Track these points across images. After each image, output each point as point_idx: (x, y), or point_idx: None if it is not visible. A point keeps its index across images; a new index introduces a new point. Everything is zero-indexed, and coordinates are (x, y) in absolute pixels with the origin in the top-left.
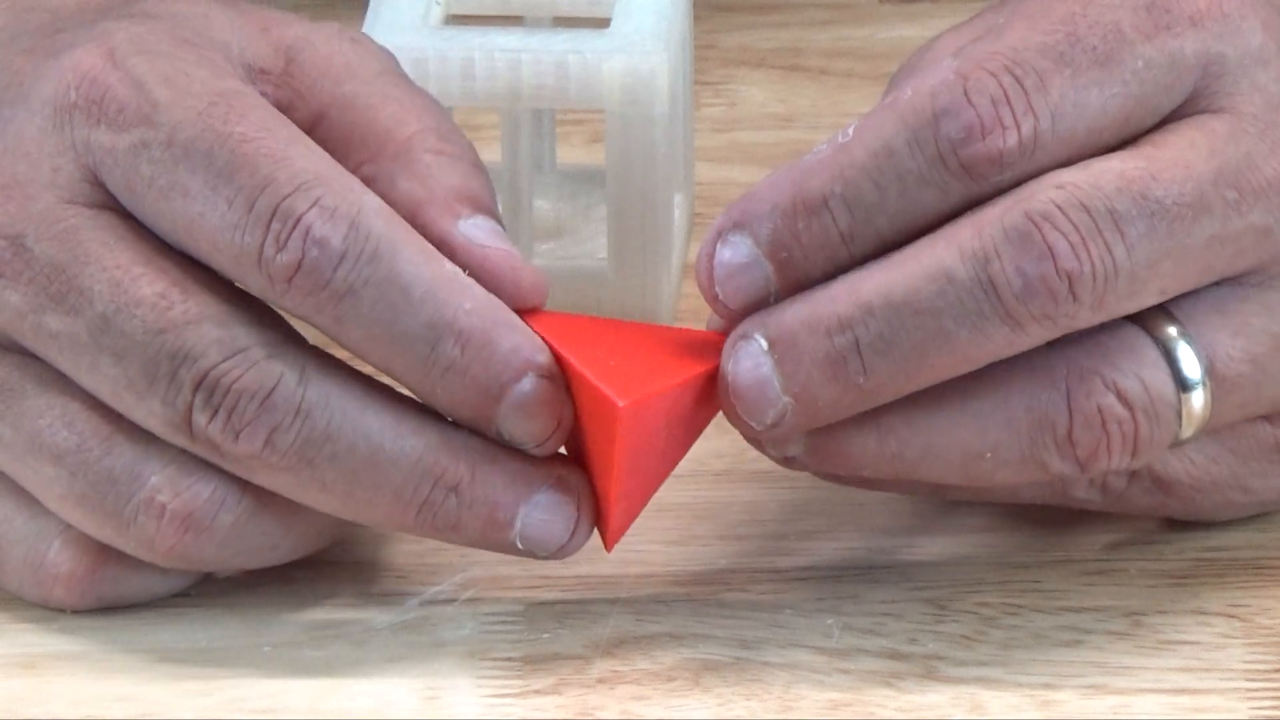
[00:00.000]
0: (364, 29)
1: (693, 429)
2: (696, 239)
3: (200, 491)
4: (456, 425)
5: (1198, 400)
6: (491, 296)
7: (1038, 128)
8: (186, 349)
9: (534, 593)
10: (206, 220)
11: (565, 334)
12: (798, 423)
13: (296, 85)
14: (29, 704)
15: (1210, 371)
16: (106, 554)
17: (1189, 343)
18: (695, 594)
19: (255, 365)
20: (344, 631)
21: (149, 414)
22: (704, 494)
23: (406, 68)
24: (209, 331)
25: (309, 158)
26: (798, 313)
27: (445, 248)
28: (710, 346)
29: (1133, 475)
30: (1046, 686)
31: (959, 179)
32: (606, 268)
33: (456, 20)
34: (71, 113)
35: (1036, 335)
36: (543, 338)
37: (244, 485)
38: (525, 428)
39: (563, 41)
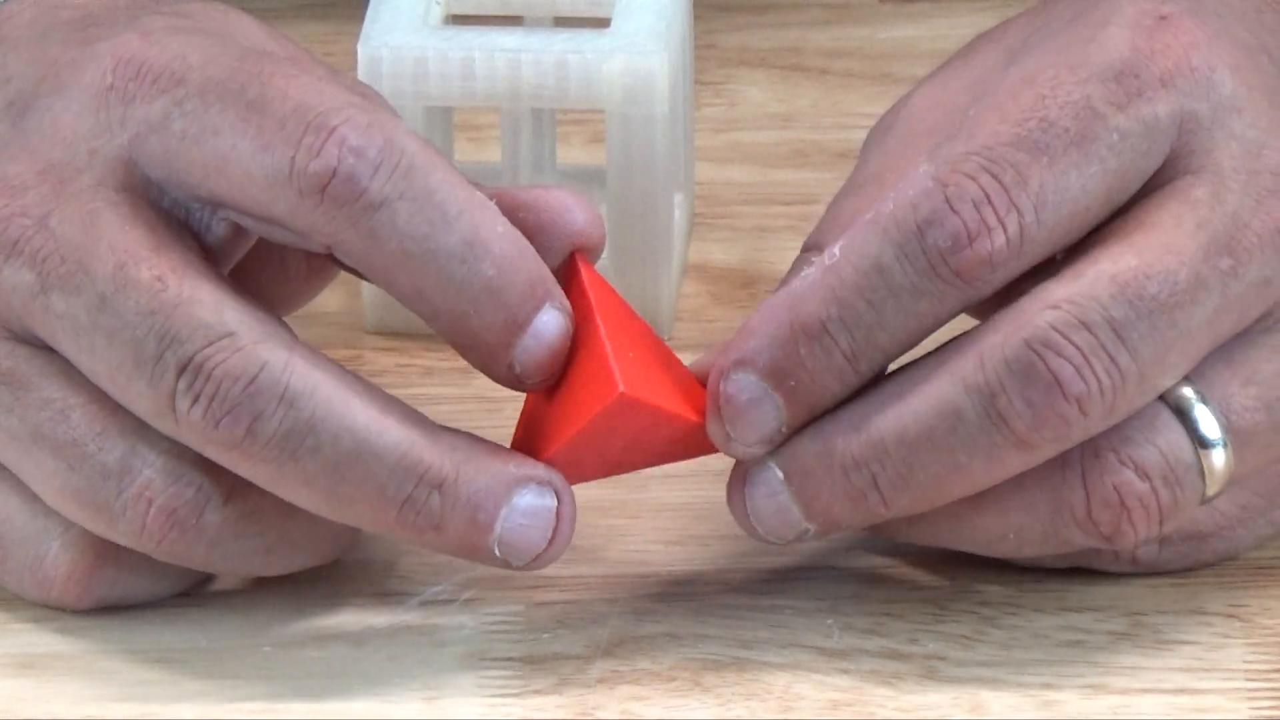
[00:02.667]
0: (364, 29)
1: (644, 457)
2: (697, 239)
3: (184, 489)
4: (440, 425)
5: (1219, 458)
6: (513, 228)
7: (1023, 223)
8: (174, 332)
9: (534, 593)
10: (237, 150)
11: (603, 300)
12: (819, 536)
13: None
14: (29, 704)
15: (1227, 427)
16: (106, 555)
17: (1204, 402)
18: (695, 594)
19: (240, 351)
20: (344, 631)
21: (138, 397)
22: (704, 494)
23: (406, 68)
24: (197, 315)
25: (341, 89)
26: (810, 447)
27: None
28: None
29: (1163, 541)
30: (1046, 686)
31: (953, 285)
32: (607, 268)
33: (456, 20)
34: (108, 95)
35: (1050, 452)
36: (585, 295)
37: (232, 486)
38: (540, 361)
39: (563, 41)
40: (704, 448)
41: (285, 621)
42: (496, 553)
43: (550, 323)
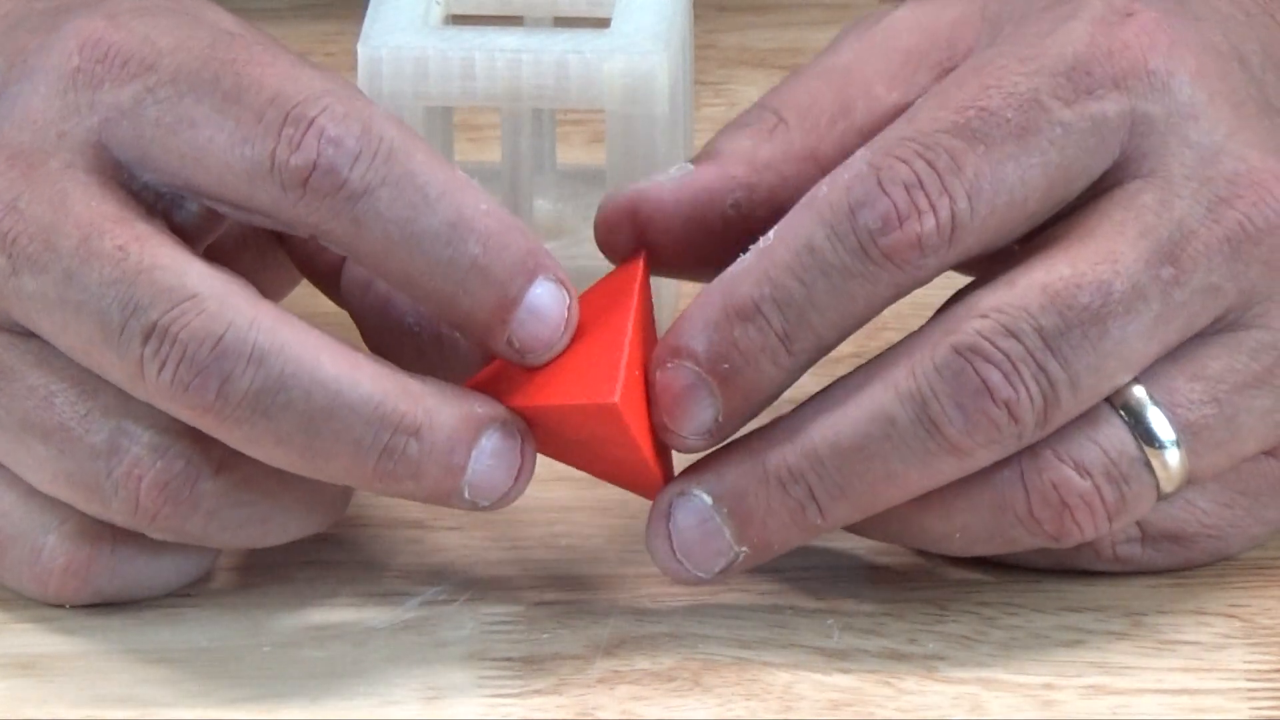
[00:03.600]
0: (364, 29)
1: (587, 463)
2: None
3: (174, 462)
4: (409, 372)
5: (1172, 457)
6: (498, 205)
7: (955, 208)
8: (136, 299)
9: (534, 593)
10: (215, 143)
11: (643, 306)
12: (750, 563)
13: None
14: (29, 704)
15: (1174, 422)
16: (102, 545)
17: (1155, 403)
18: (695, 594)
19: (204, 313)
20: (344, 631)
21: (111, 367)
22: None
23: (407, 68)
24: (159, 280)
25: (315, 76)
26: (740, 465)
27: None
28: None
29: (1144, 539)
30: (1046, 686)
31: (883, 268)
32: (606, 268)
33: (456, 20)
34: (75, 77)
35: (986, 458)
36: (632, 290)
37: (222, 457)
38: (538, 334)
39: (563, 41)
40: (646, 490)
41: (285, 621)
42: (466, 495)
43: (545, 295)
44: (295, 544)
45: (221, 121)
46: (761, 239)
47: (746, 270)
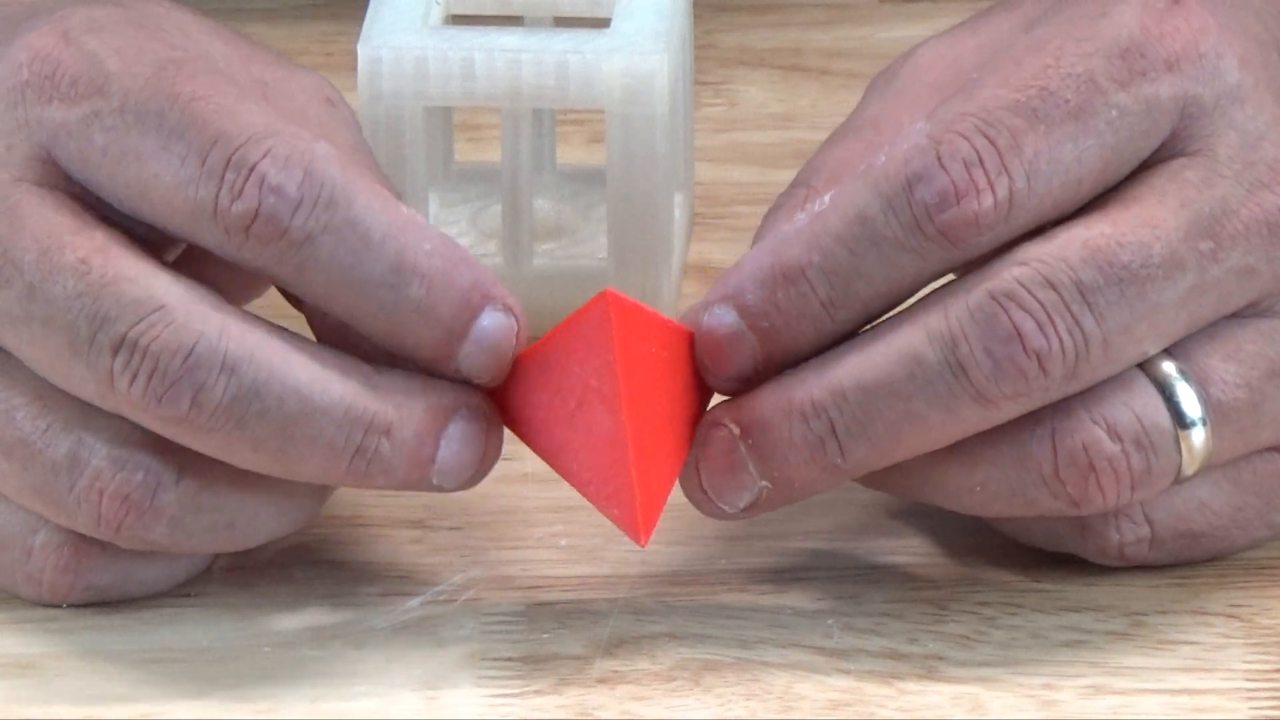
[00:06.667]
0: (364, 29)
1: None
2: (697, 239)
3: (134, 473)
4: (375, 367)
5: (1198, 436)
6: (446, 236)
7: (1013, 188)
8: (103, 311)
9: (534, 593)
10: (161, 180)
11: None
12: (773, 503)
13: None
14: (29, 704)
15: (1206, 400)
16: (92, 542)
17: (1186, 379)
18: (695, 594)
19: (173, 325)
20: (344, 631)
21: (80, 381)
22: None
23: (407, 68)
24: (125, 291)
25: (259, 112)
26: (769, 398)
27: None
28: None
29: (1154, 540)
30: (1046, 686)
31: (937, 244)
32: (606, 268)
33: (456, 20)
34: (24, 91)
35: (1010, 411)
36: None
37: (183, 464)
38: (485, 362)
39: (563, 41)
40: (621, 502)
41: (285, 621)
42: (435, 481)
43: (490, 326)
44: (295, 544)
45: (166, 159)
46: (817, 202)
47: (798, 233)
